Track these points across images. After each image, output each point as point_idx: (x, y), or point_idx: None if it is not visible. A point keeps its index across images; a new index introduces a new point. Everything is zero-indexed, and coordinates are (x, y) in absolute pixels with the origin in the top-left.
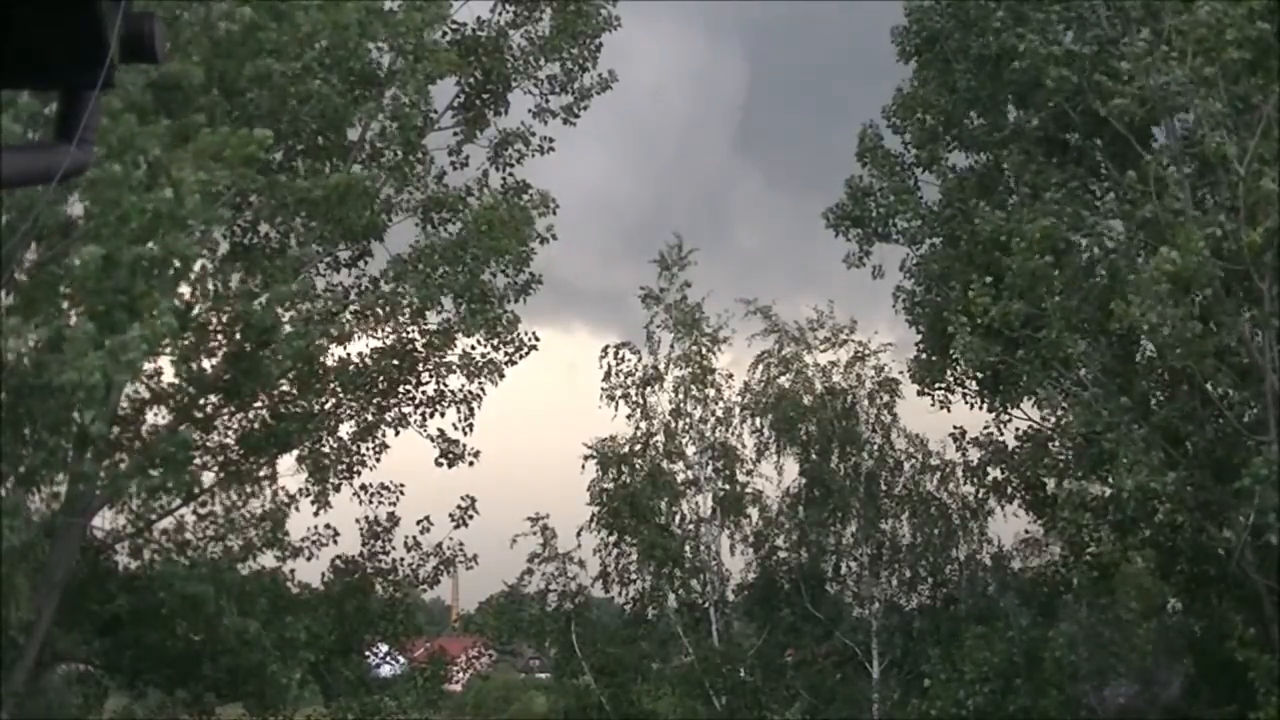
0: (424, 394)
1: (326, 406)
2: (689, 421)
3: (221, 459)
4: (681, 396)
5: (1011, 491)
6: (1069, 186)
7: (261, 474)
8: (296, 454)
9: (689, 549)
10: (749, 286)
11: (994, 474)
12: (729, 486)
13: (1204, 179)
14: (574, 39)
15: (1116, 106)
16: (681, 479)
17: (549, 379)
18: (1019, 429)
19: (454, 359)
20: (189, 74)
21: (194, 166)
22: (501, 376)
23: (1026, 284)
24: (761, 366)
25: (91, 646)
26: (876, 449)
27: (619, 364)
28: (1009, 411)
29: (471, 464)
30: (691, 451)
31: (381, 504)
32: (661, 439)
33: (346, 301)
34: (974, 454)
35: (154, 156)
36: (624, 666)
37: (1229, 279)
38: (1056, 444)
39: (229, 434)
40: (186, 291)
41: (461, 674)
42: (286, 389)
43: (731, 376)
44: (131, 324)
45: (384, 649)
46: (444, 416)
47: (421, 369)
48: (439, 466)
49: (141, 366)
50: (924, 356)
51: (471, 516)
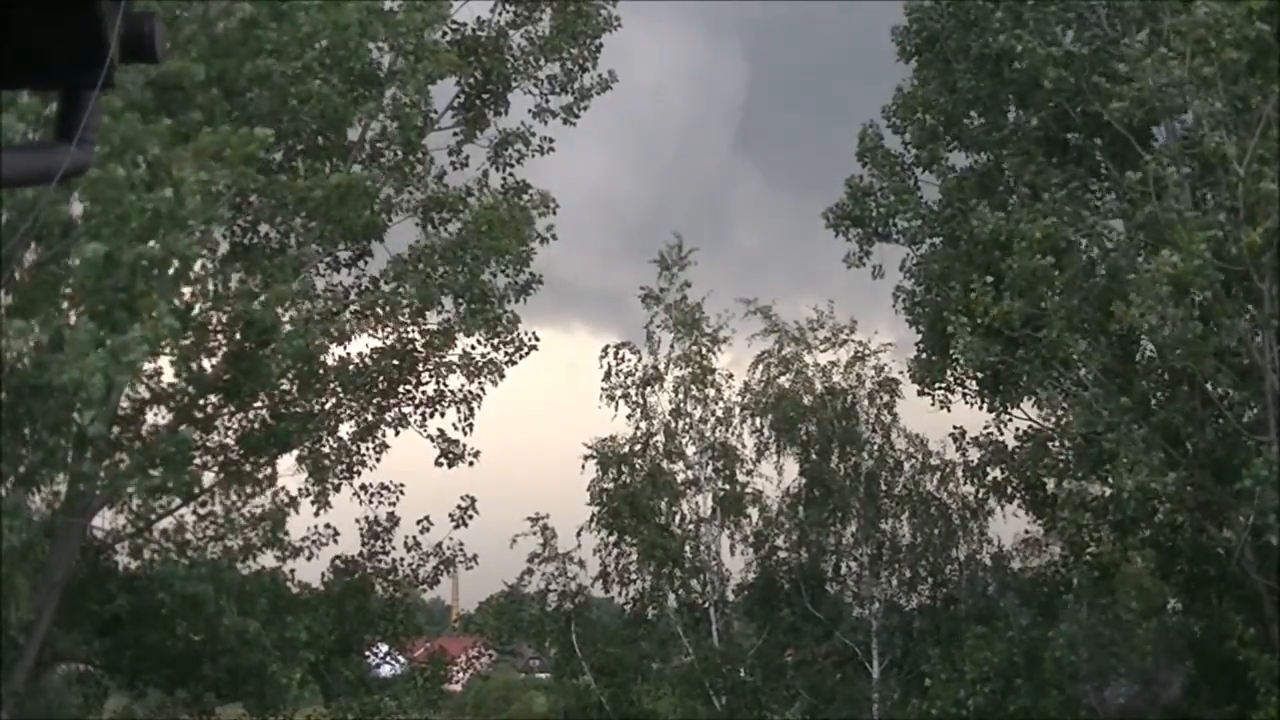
0: (424, 394)
1: (326, 406)
2: (689, 421)
3: (221, 459)
4: (681, 396)
5: (1011, 491)
6: (1069, 187)
7: (261, 474)
8: (296, 454)
9: (689, 549)
10: (749, 286)
11: (994, 474)
12: (729, 486)
13: (1204, 179)
14: (574, 39)
15: (1116, 109)
16: (681, 479)
17: (549, 379)
18: (1019, 429)
19: (454, 359)
20: (189, 72)
21: (194, 166)
22: (501, 376)
23: (1026, 284)
24: (761, 366)
25: (91, 646)
26: (876, 449)
27: (619, 364)
28: (1009, 411)
29: (471, 464)
30: (691, 451)
31: (381, 504)
32: (661, 439)
33: (346, 301)
34: (974, 454)
35: (154, 156)
36: (624, 666)
37: (1229, 279)
38: (1056, 444)
39: (229, 434)
40: (187, 291)
41: (461, 674)
42: (286, 389)
43: (731, 376)
44: (132, 324)
45: (384, 649)
46: (444, 416)
47: (421, 369)
48: (439, 466)
49: (141, 366)
50: (924, 356)
51: (471, 516)
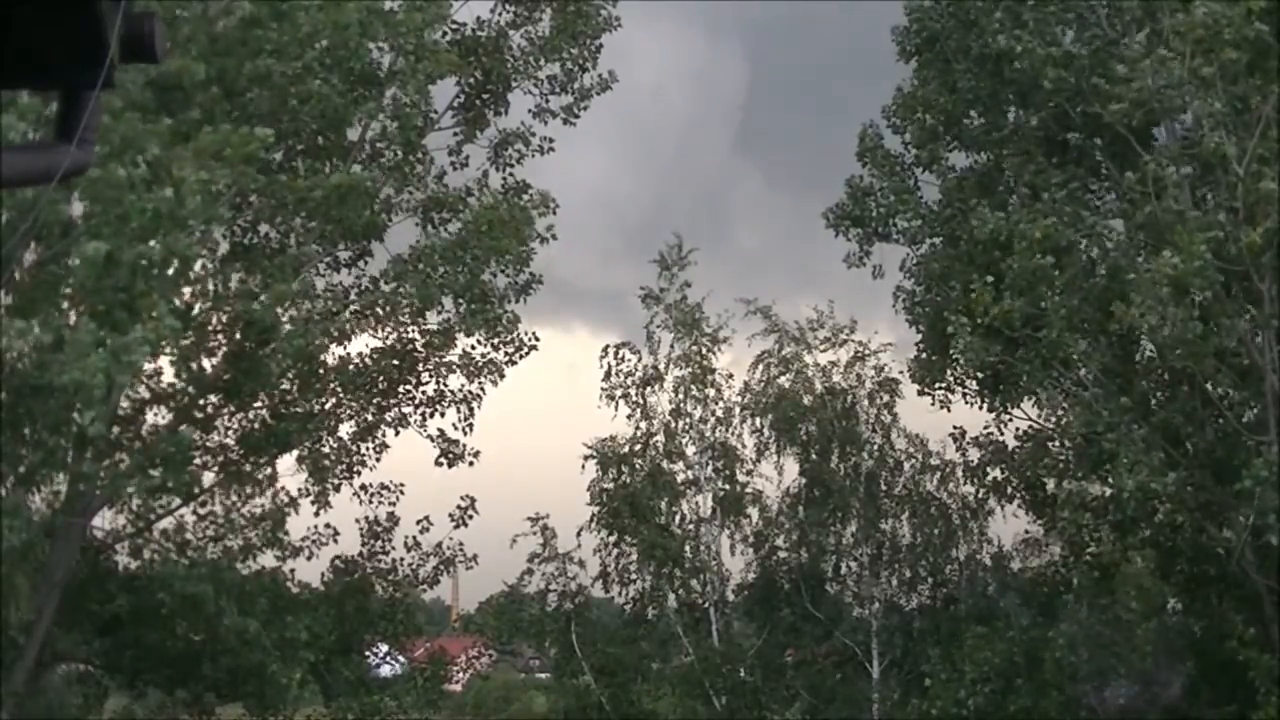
0: (424, 394)
1: (326, 406)
2: (689, 421)
3: (221, 459)
4: (681, 396)
5: (1011, 491)
6: (1069, 187)
7: (261, 474)
8: (296, 454)
9: (689, 549)
10: (749, 286)
11: (994, 474)
12: (729, 486)
13: (1204, 179)
14: (574, 39)
15: (1115, 111)
16: (681, 479)
17: (549, 379)
18: (1019, 429)
19: (454, 359)
20: (189, 71)
21: (194, 166)
22: (502, 376)
23: (1026, 284)
24: (761, 366)
25: (91, 646)
26: (876, 449)
27: (619, 364)
28: (1009, 411)
29: (471, 464)
30: (691, 451)
31: (381, 504)
32: (661, 439)
33: (346, 301)
34: (974, 454)
35: (154, 156)
36: (624, 666)
37: (1229, 279)
38: (1056, 444)
39: (229, 434)
40: (187, 292)
41: (461, 674)
42: (286, 389)
43: (731, 376)
44: (133, 324)
45: (384, 649)
46: (444, 416)
47: (421, 369)
48: (439, 466)
49: (142, 366)
50: (924, 356)
51: (471, 516)
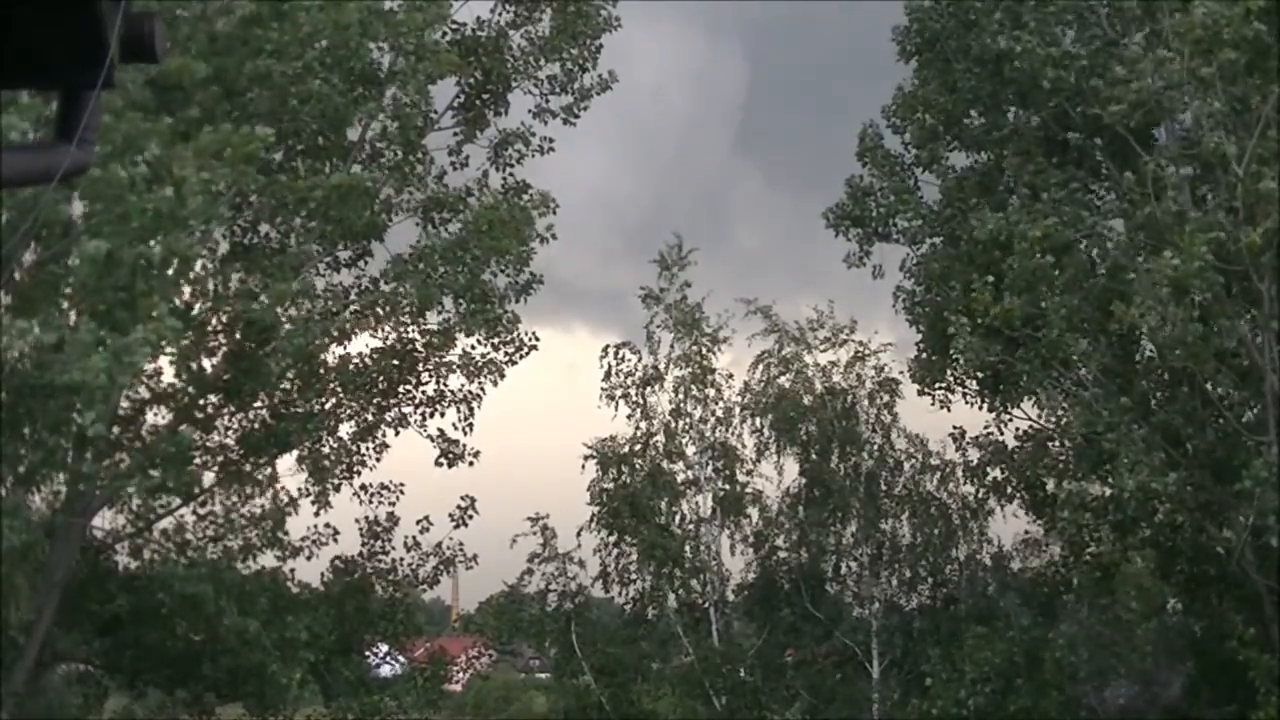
0: (424, 394)
1: (326, 406)
2: (689, 421)
3: (221, 459)
4: (681, 396)
5: (1011, 491)
6: (1069, 187)
7: (261, 474)
8: (296, 454)
9: (689, 549)
10: (749, 286)
11: (994, 474)
12: (729, 486)
13: (1204, 179)
14: (574, 39)
15: (1115, 113)
16: (681, 479)
17: (549, 379)
18: (1019, 429)
19: (454, 359)
20: (189, 70)
21: (195, 165)
22: (502, 376)
23: (1026, 284)
24: (761, 366)
25: (91, 646)
26: (876, 449)
27: (619, 364)
28: (1009, 411)
29: (471, 464)
30: (691, 451)
31: (381, 504)
32: (661, 439)
33: (346, 301)
34: (974, 454)
35: (154, 155)
36: (624, 666)
37: (1228, 280)
38: (1056, 444)
39: (229, 434)
40: (186, 291)
41: (461, 674)
42: (286, 389)
43: (731, 376)
44: (133, 324)
45: (384, 649)
46: (444, 416)
47: (421, 369)
48: (439, 466)
49: (142, 367)
50: (924, 356)
51: (471, 516)
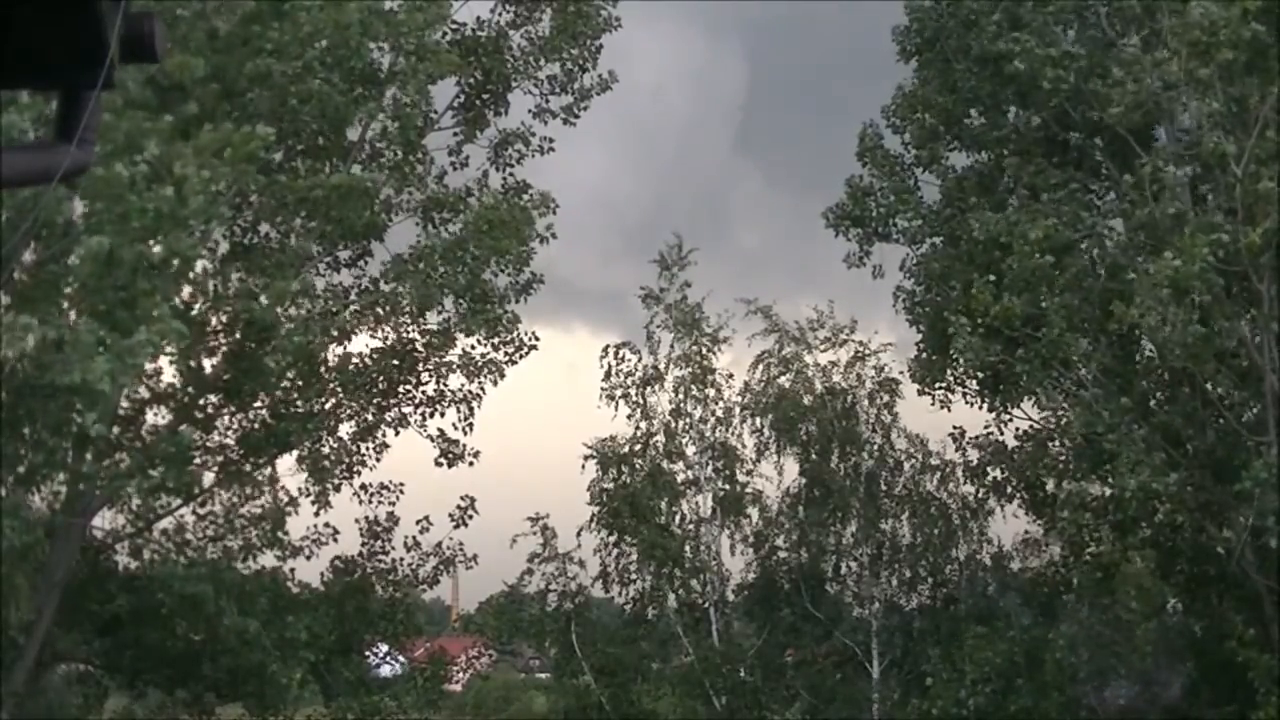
0: (424, 394)
1: (326, 406)
2: (689, 421)
3: (221, 459)
4: (681, 396)
5: (1011, 491)
6: (1069, 188)
7: (261, 474)
8: (296, 454)
9: (689, 549)
10: (749, 286)
11: (994, 474)
12: (729, 486)
13: (1204, 180)
14: (574, 39)
15: (1114, 114)
16: (681, 479)
17: (549, 379)
18: (1019, 429)
19: (454, 359)
20: (188, 68)
21: (196, 164)
22: (502, 376)
23: (1026, 284)
24: (761, 366)
25: (91, 646)
26: (876, 449)
27: (619, 364)
28: (1009, 411)
29: (471, 464)
30: (691, 451)
31: (381, 504)
32: (661, 439)
33: (346, 301)
34: (974, 454)
35: (153, 155)
36: (624, 666)
37: (1228, 280)
38: (1056, 444)
39: (229, 434)
40: (186, 291)
41: (461, 674)
42: (286, 389)
43: (731, 376)
44: (135, 324)
45: (384, 649)
46: (444, 416)
47: (421, 369)
48: (439, 466)
49: (144, 367)
50: (924, 356)
51: (471, 516)
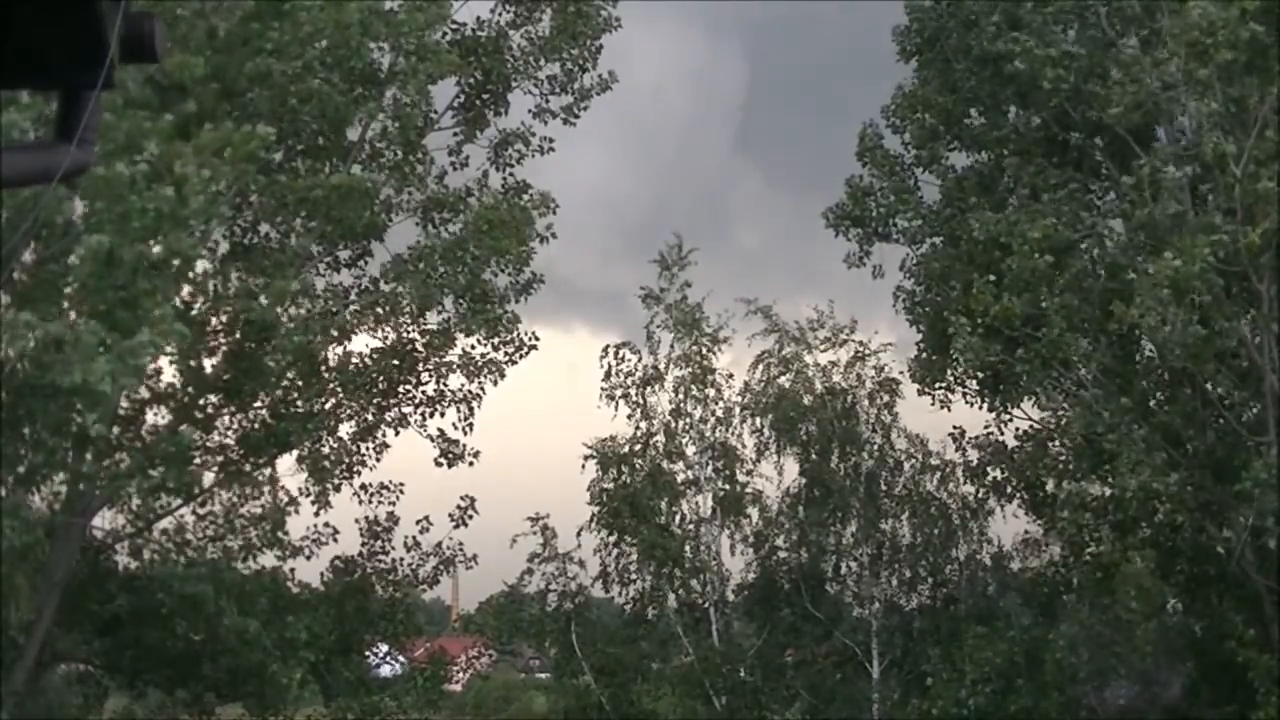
0: (424, 394)
1: (326, 406)
2: (689, 421)
3: (221, 459)
4: (681, 396)
5: (1011, 491)
6: (1068, 188)
7: (261, 474)
8: (296, 454)
9: (689, 549)
10: (749, 286)
11: (994, 474)
12: (729, 486)
13: (1204, 179)
14: (574, 39)
15: (1113, 115)
16: (681, 479)
17: (549, 379)
18: (1019, 429)
19: (454, 359)
20: (188, 67)
21: (196, 164)
22: (502, 376)
23: (1025, 284)
24: (762, 366)
25: (91, 646)
26: (876, 449)
27: (619, 364)
28: (1009, 411)
29: (471, 464)
30: (691, 451)
31: (381, 504)
32: (661, 439)
33: (346, 301)
34: (974, 454)
35: (153, 155)
36: (624, 666)
37: (1227, 280)
38: (1056, 444)
39: (229, 434)
40: (186, 291)
41: (461, 674)
42: (286, 389)
43: (731, 376)
44: (136, 324)
45: (384, 649)
46: (444, 416)
47: (421, 369)
48: (439, 466)
49: (144, 368)
50: (924, 356)
51: (471, 516)
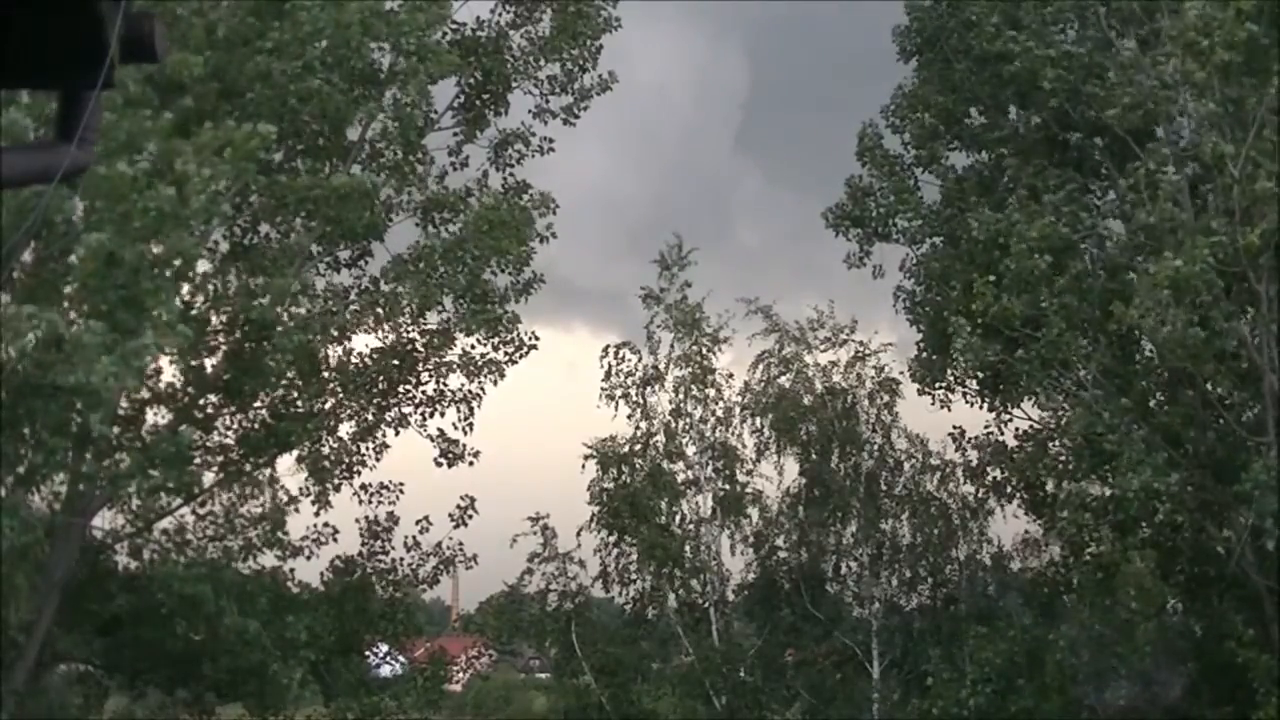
0: (424, 394)
1: (326, 406)
2: (689, 421)
3: (221, 459)
4: (681, 396)
5: (1011, 491)
6: (1068, 188)
7: (261, 474)
8: (296, 454)
9: (689, 549)
10: (749, 286)
11: (994, 474)
12: (729, 486)
13: (1204, 180)
14: (574, 39)
15: (1112, 116)
16: (681, 479)
17: (549, 379)
18: (1019, 429)
19: (454, 359)
20: (187, 65)
21: (197, 162)
22: (502, 376)
23: (1024, 284)
24: (762, 366)
25: (91, 646)
26: (876, 449)
27: (619, 364)
28: (1009, 411)
29: (471, 464)
30: (691, 451)
31: (381, 504)
32: (661, 439)
33: (347, 301)
34: (974, 454)
35: (153, 153)
36: (624, 666)
37: (1227, 281)
38: (1056, 444)
39: (229, 434)
40: (186, 290)
41: (461, 674)
42: (286, 389)
43: (732, 376)
44: (137, 324)
45: (384, 649)
46: (444, 416)
47: (421, 369)
48: (439, 466)
49: (146, 369)
50: (924, 356)
51: (471, 516)
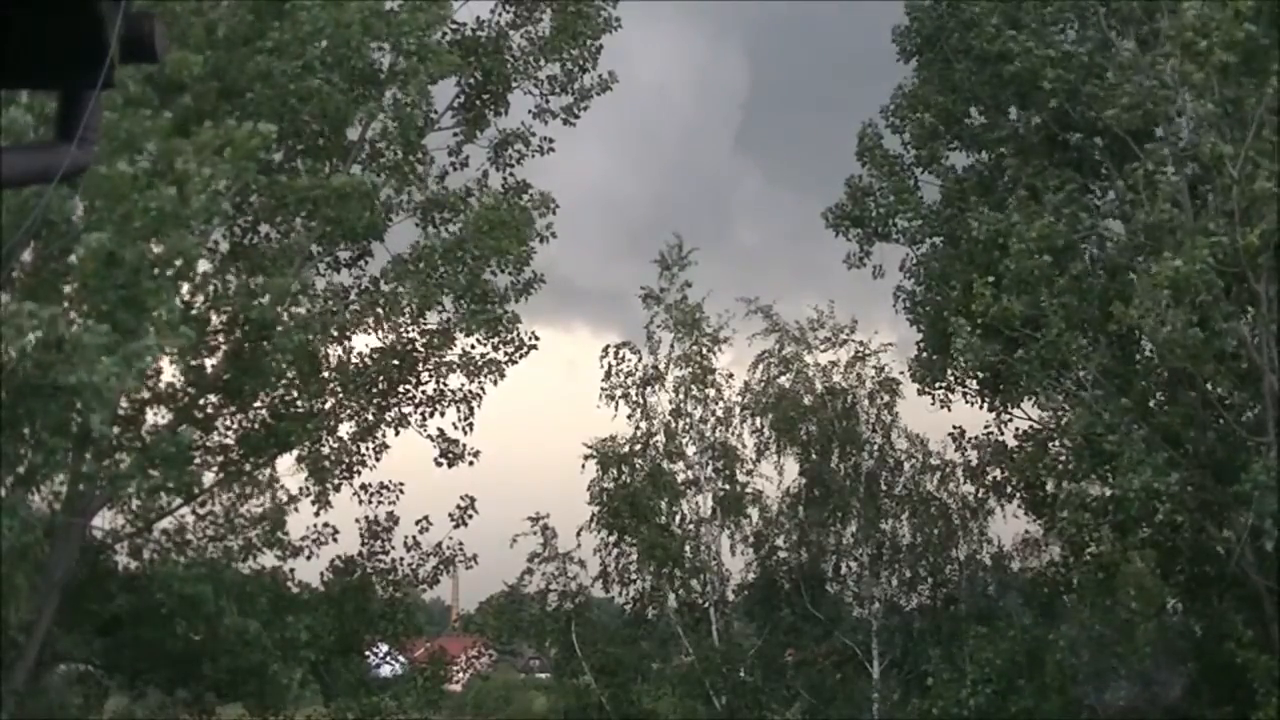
0: (424, 394)
1: (326, 406)
2: (689, 421)
3: (221, 459)
4: (682, 396)
5: (1011, 491)
6: (1068, 189)
7: (261, 474)
8: (296, 454)
9: (689, 549)
10: (750, 286)
11: (994, 474)
12: (729, 486)
13: (1204, 181)
14: (574, 40)
15: (1112, 116)
16: (681, 479)
17: (549, 379)
18: (1019, 429)
19: (454, 359)
20: (187, 64)
21: (197, 161)
22: (502, 376)
23: (1024, 284)
24: (762, 366)
25: (91, 646)
26: (876, 449)
27: (619, 364)
28: (1009, 411)
29: (471, 464)
30: (691, 451)
31: (381, 504)
32: (661, 439)
33: (347, 301)
34: (974, 454)
35: (152, 153)
36: (624, 666)
37: (1227, 281)
38: (1056, 444)
39: (229, 434)
40: (185, 290)
41: (461, 674)
42: (286, 389)
43: (732, 376)
44: (140, 324)
45: (384, 649)
46: (444, 416)
47: (421, 369)
48: (439, 466)
49: (146, 369)
50: (924, 356)
51: (471, 516)
